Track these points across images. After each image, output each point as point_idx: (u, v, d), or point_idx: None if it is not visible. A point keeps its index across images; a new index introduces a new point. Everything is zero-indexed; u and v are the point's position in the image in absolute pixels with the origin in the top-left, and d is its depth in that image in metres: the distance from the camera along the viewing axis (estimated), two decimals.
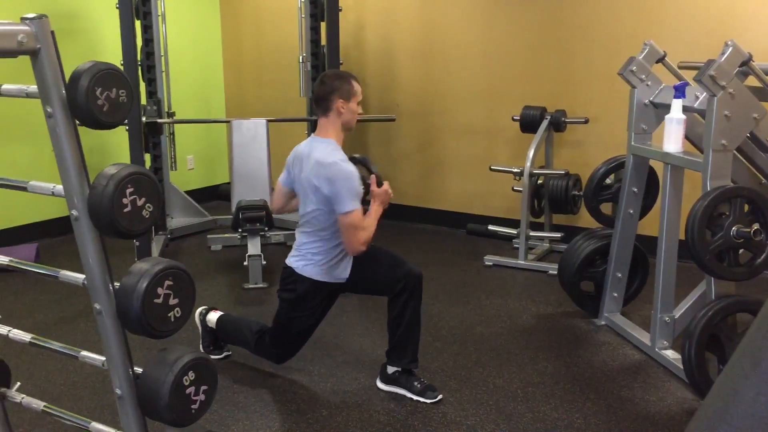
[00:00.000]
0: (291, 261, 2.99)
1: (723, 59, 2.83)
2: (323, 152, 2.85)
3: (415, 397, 2.95)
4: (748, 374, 0.73)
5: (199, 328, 3.36)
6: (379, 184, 2.93)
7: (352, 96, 2.88)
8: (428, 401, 2.92)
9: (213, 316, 3.31)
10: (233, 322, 3.30)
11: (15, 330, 2.06)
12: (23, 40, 1.59)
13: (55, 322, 3.79)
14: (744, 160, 3.22)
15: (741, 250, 2.89)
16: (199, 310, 3.38)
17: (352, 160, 2.90)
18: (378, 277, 2.95)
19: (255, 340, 3.13)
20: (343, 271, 2.95)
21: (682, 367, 2.95)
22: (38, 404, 2.10)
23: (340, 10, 4.54)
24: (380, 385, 3.06)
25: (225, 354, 3.35)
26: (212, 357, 3.28)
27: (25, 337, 2.03)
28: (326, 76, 2.94)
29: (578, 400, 2.96)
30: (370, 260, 2.95)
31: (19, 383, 2.18)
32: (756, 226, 2.82)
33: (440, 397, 2.95)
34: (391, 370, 3.02)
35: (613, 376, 3.17)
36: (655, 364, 3.28)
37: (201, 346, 3.34)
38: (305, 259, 2.94)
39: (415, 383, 2.97)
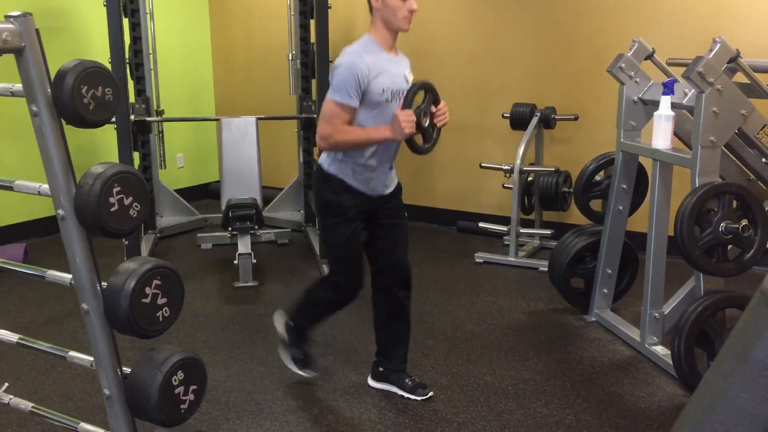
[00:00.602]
0: (320, 159, 2.81)
1: (711, 56, 2.84)
2: (350, 44, 2.68)
3: (405, 395, 2.94)
4: (734, 371, 0.73)
5: (287, 338, 3.06)
6: (422, 114, 2.63)
7: None
8: (419, 398, 2.92)
9: (286, 318, 3.08)
10: (301, 300, 3.04)
11: (2, 330, 2.06)
12: (7, 39, 1.58)
13: (44, 322, 3.77)
14: (732, 157, 3.23)
15: (730, 246, 2.91)
16: (281, 320, 3.09)
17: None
18: (392, 238, 2.84)
19: (318, 285, 2.95)
20: (376, 185, 2.76)
21: (671, 362, 2.97)
22: (26, 405, 2.09)
23: (330, 7, 4.53)
24: (371, 382, 3.05)
25: (312, 374, 3.09)
26: (303, 373, 3.07)
27: (12, 338, 2.02)
28: None
29: (569, 396, 2.97)
30: (403, 221, 2.86)
31: (6, 384, 2.17)
32: (744, 222, 2.83)
33: (431, 394, 2.95)
34: (381, 368, 3.02)
35: (603, 372, 3.18)
36: (644, 359, 3.29)
37: (291, 362, 3.07)
38: (329, 156, 2.74)
39: (406, 380, 2.97)
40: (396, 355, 2.98)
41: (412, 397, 2.93)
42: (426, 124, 2.67)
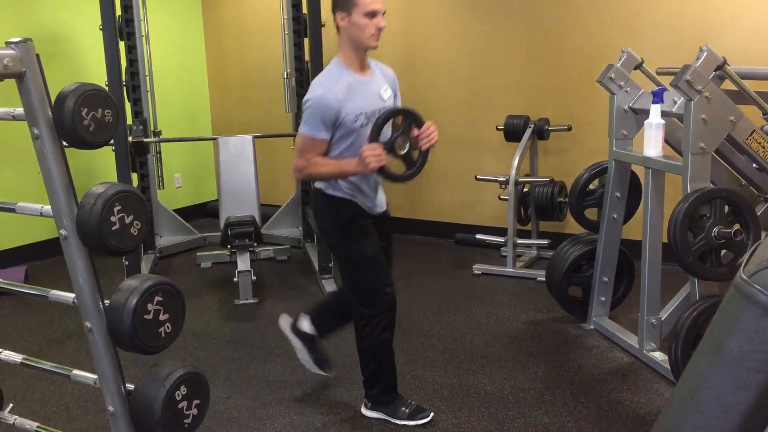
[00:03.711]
0: (317, 184, 2.78)
1: (698, 64, 2.89)
2: (319, 74, 2.68)
3: (400, 423, 2.84)
4: (712, 362, 0.77)
5: (295, 341, 3.09)
6: (388, 146, 2.57)
7: (353, 7, 2.55)
8: (417, 423, 2.83)
9: (305, 321, 3.09)
10: (324, 306, 3.12)
11: (6, 351, 2.08)
12: (9, 64, 1.62)
13: (46, 343, 3.79)
14: (724, 163, 3.27)
15: (723, 251, 2.94)
16: (285, 322, 3.14)
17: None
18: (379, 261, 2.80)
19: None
20: (373, 203, 2.79)
21: (669, 368, 2.99)
22: (31, 425, 2.11)
23: (323, 25, 4.58)
24: (364, 411, 2.95)
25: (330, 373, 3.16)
26: (322, 373, 3.13)
27: (16, 358, 2.05)
28: None
29: (569, 404, 2.99)
30: (390, 242, 2.90)
31: (11, 405, 2.18)
32: (736, 227, 2.87)
33: (431, 416, 2.86)
34: (371, 395, 2.93)
35: (603, 379, 3.20)
36: (643, 366, 3.31)
37: (310, 361, 3.10)
38: (322, 184, 2.75)
39: (403, 408, 2.87)
40: (376, 384, 2.90)
41: (409, 423, 2.83)
42: (404, 151, 2.60)
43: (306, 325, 3.07)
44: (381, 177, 2.66)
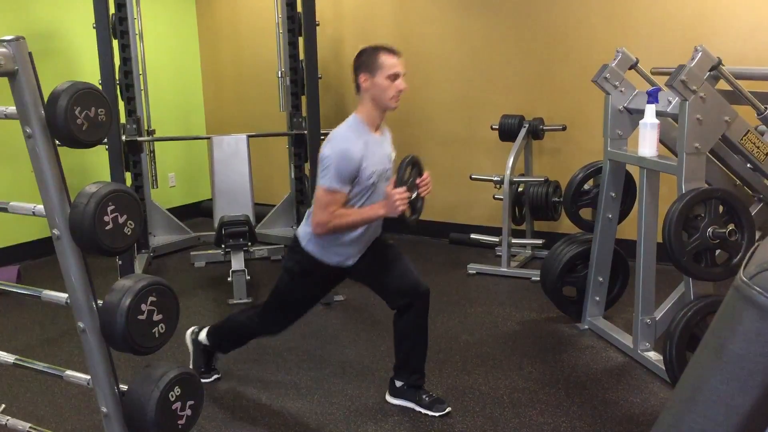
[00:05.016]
0: (299, 231, 2.86)
1: (693, 64, 2.89)
2: (337, 127, 2.73)
3: (423, 411, 2.92)
4: (712, 364, 0.77)
5: (191, 348, 3.24)
6: (409, 188, 2.70)
7: (377, 70, 2.65)
8: (436, 414, 2.90)
9: (204, 333, 3.20)
10: (222, 322, 3.20)
11: None
12: (1, 62, 1.61)
13: (39, 344, 3.76)
14: (719, 163, 3.28)
15: (717, 251, 2.94)
16: (190, 330, 3.27)
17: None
18: (384, 282, 2.90)
19: (247, 317, 3.05)
20: (346, 259, 2.83)
21: (664, 367, 2.99)
22: (24, 426, 2.09)
23: (318, 24, 4.57)
24: (389, 398, 3.04)
25: (214, 377, 3.25)
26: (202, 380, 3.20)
27: (8, 359, 2.03)
28: (358, 53, 2.75)
29: (564, 403, 2.99)
30: (381, 260, 2.91)
31: (3, 405, 2.17)
32: (731, 227, 2.87)
33: (448, 409, 2.92)
34: (398, 383, 3.01)
35: (598, 379, 3.20)
36: (638, 365, 3.31)
37: (192, 367, 3.20)
38: (308, 234, 2.79)
39: (423, 396, 2.95)
40: (415, 370, 2.98)
41: (429, 413, 2.90)
42: (413, 197, 2.74)
43: (205, 335, 3.20)
44: (399, 219, 2.74)
